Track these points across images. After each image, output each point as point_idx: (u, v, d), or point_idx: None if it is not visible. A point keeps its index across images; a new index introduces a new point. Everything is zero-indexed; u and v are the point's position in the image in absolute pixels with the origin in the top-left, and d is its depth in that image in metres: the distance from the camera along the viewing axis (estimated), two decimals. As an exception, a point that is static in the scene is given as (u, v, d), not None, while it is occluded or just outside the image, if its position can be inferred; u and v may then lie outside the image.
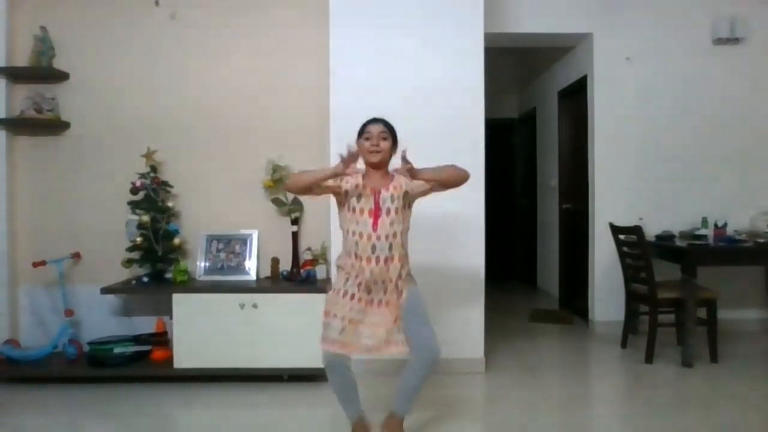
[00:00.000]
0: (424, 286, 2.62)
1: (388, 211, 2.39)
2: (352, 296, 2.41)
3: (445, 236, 3.49)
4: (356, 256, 2.39)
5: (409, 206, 2.50)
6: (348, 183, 2.41)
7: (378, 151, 2.40)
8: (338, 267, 2.52)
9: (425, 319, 2.48)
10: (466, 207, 3.52)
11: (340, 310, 2.41)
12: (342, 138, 3.47)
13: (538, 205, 6.42)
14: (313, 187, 2.39)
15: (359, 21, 3.53)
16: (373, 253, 2.37)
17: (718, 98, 4.53)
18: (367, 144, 2.41)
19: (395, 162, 2.46)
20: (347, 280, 2.44)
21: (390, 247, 2.38)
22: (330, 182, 2.39)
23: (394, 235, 2.39)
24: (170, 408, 3.18)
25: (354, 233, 2.40)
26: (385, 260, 2.38)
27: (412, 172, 2.31)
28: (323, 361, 2.43)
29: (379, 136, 2.40)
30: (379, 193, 2.39)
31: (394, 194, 2.40)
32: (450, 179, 2.42)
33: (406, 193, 2.43)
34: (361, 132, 2.45)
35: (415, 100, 3.52)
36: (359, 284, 2.41)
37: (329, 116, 3.56)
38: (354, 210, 2.40)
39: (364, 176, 2.44)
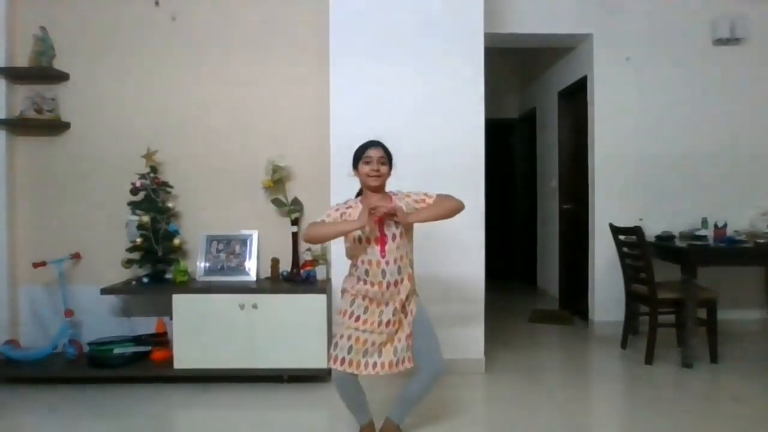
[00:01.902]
0: (424, 286, 2.63)
1: (394, 236, 2.42)
2: (357, 318, 2.45)
3: (445, 236, 3.48)
4: (367, 282, 2.43)
5: (411, 226, 2.52)
6: (352, 217, 2.41)
7: (378, 176, 2.43)
8: (343, 290, 2.55)
9: (432, 333, 2.52)
10: (466, 207, 3.51)
11: (346, 330, 2.45)
12: (342, 137, 3.51)
13: (538, 205, 6.43)
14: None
15: (359, 20, 3.53)
16: (383, 278, 2.41)
17: (718, 98, 4.53)
18: (366, 168, 2.43)
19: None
20: (353, 301, 2.48)
21: (399, 270, 2.43)
22: (341, 218, 2.42)
23: (401, 257, 2.44)
24: (170, 408, 3.18)
25: (363, 261, 2.43)
26: (395, 283, 2.43)
27: (403, 219, 2.35)
28: (333, 377, 2.48)
29: (378, 161, 2.42)
30: (383, 220, 2.40)
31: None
32: (443, 215, 2.45)
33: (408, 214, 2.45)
34: (360, 155, 2.46)
35: (415, 101, 3.52)
36: (366, 307, 2.45)
37: (329, 116, 3.56)
38: (360, 241, 2.43)
39: (362, 202, 2.46)
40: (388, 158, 2.47)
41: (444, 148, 3.51)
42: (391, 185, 2.57)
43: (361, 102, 3.53)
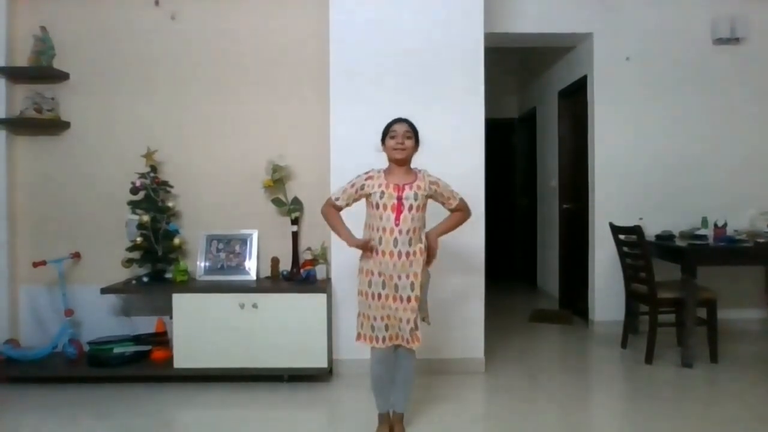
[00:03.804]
0: (424, 286, 2.64)
1: (410, 208, 2.50)
2: (380, 296, 2.51)
3: (445, 236, 3.48)
4: (379, 251, 2.49)
5: (427, 202, 2.63)
6: (372, 188, 2.54)
7: (403, 149, 2.53)
8: (360, 269, 2.60)
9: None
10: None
11: (376, 312, 2.52)
12: (342, 137, 3.51)
13: (538, 205, 6.42)
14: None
15: (359, 22, 3.53)
16: (395, 247, 2.47)
17: (718, 98, 4.53)
18: (392, 142, 2.54)
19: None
20: (370, 281, 2.53)
21: (410, 242, 2.49)
22: (356, 193, 2.58)
23: (415, 230, 2.50)
24: (170, 408, 3.18)
25: (377, 229, 2.51)
26: (407, 254, 2.48)
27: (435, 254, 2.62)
28: (373, 357, 2.58)
29: (404, 135, 2.54)
30: (403, 189, 2.50)
31: (418, 193, 2.52)
32: (460, 224, 2.73)
33: (428, 196, 2.58)
34: (386, 131, 2.58)
35: (416, 101, 3.51)
36: (383, 282, 2.50)
37: (329, 116, 3.57)
38: (377, 206, 2.51)
39: (387, 173, 2.57)
40: (413, 134, 2.57)
41: (444, 148, 3.49)
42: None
43: (360, 104, 3.52)
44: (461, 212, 2.69)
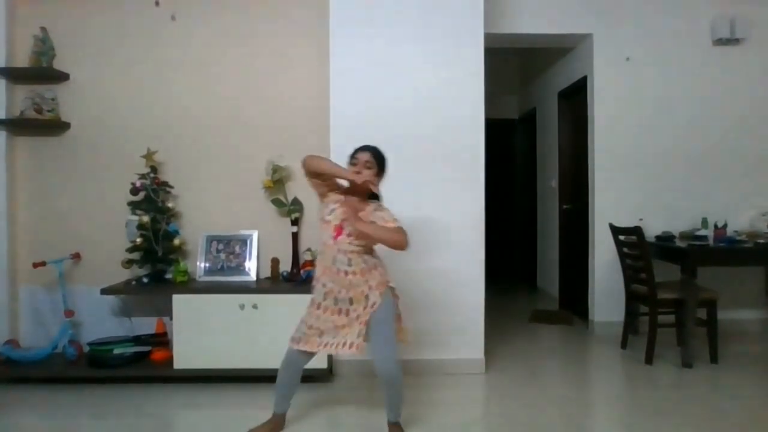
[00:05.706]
0: (424, 286, 2.63)
1: (349, 234, 2.49)
2: (319, 305, 2.56)
3: (445, 236, 3.49)
4: (320, 264, 2.56)
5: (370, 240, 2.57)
6: (333, 196, 2.57)
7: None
8: (314, 277, 2.65)
9: (389, 337, 2.54)
10: (466, 207, 3.53)
11: (308, 317, 2.58)
12: (342, 138, 3.51)
13: (538, 205, 6.43)
14: (324, 177, 2.53)
15: (360, 22, 3.53)
16: (333, 264, 2.50)
17: (718, 99, 4.53)
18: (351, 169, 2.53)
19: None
20: (320, 290, 2.57)
21: (349, 262, 2.49)
22: (331, 178, 2.55)
23: (354, 252, 2.50)
24: (170, 408, 3.18)
25: (323, 242, 2.55)
26: (345, 273, 2.50)
27: (353, 222, 2.43)
28: (285, 355, 2.65)
29: (363, 165, 2.50)
30: (353, 211, 2.49)
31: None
32: (386, 241, 2.47)
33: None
34: (352, 156, 2.55)
35: (416, 101, 3.52)
36: (325, 294, 2.54)
37: (329, 116, 3.57)
38: (326, 221, 2.54)
39: (345, 198, 2.57)
40: (377, 163, 2.52)
41: (444, 149, 3.51)
42: (394, 189, 2.66)
43: (360, 105, 3.52)
44: (398, 233, 2.45)
